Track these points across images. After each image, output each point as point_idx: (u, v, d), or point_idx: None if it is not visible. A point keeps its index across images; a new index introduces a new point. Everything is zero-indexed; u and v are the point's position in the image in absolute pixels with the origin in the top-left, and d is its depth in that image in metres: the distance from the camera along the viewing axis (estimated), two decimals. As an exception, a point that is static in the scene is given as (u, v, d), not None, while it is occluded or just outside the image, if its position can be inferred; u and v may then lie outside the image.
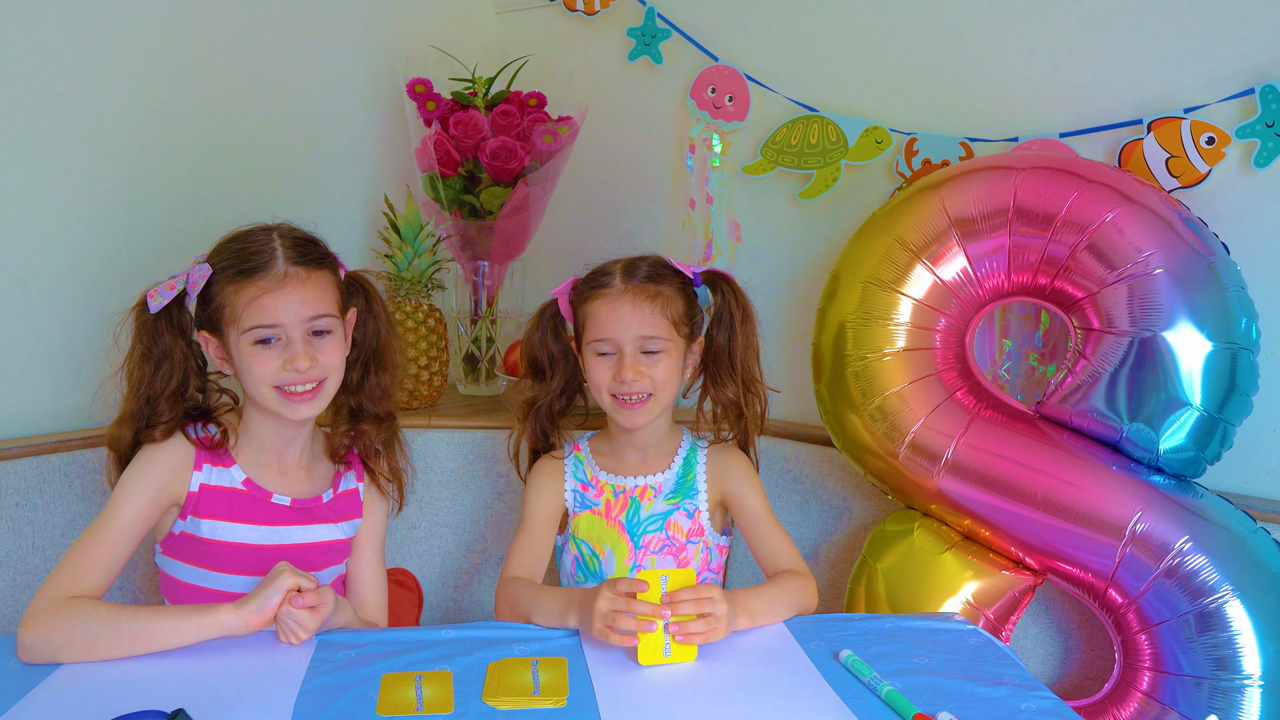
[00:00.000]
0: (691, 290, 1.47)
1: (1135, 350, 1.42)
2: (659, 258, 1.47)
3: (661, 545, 1.47)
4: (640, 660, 1.14)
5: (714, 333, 1.49)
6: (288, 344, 1.25)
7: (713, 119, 1.97)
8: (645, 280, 1.42)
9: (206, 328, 1.28)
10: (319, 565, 1.35)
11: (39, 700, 1.04)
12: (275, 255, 1.25)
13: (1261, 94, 1.49)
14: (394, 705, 1.05)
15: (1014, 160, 1.52)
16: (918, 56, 1.78)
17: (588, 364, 1.44)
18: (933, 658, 1.20)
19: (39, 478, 1.53)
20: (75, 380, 1.61)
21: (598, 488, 1.48)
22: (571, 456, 1.52)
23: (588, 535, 1.48)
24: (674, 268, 1.45)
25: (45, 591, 1.16)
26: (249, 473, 1.31)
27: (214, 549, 1.29)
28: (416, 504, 1.82)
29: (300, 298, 1.24)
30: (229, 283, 1.24)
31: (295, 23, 1.94)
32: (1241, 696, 1.36)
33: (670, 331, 1.42)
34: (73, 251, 1.64)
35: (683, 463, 1.49)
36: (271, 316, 1.23)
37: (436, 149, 1.92)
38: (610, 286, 1.42)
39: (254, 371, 1.24)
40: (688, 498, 1.47)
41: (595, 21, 2.12)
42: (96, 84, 1.65)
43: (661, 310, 1.41)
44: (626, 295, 1.41)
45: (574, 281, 1.48)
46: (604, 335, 1.41)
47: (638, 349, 1.40)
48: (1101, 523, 1.42)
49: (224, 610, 1.13)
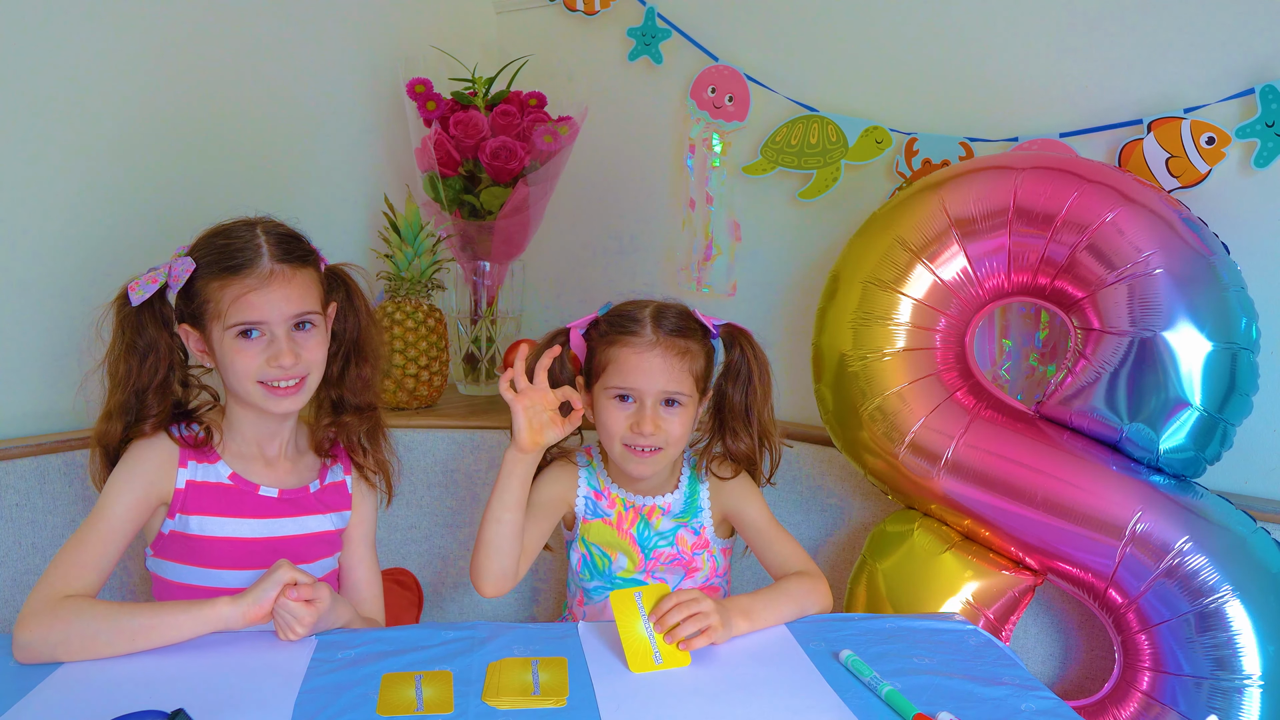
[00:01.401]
0: (710, 343, 1.45)
1: (1135, 350, 1.42)
2: (684, 307, 1.44)
3: (671, 559, 1.48)
4: (631, 669, 1.14)
5: (728, 386, 1.46)
6: (271, 340, 1.25)
7: (713, 119, 1.97)
8: (673, 334, 1.39)
9: (188, 321, 1.28)
10: (311, 557, 1.35)
11: (39, 700, 1.04)
12: (261, 252, 1.25)
13: (1261, 94, 1.49)
14: (394, 705, 1.05)
15: (1014, 160, 1.52)
16: (918, 56, 1.78)
17: (602, 407, 1.41)
18: (933, 658, 1.20)
19: (39, 478, 1.53)
20: (76, 381, 1.61)
21: (609, 499, 1.49)
22: (585, 466, 1.51)
23: (598, 540, 1.48)
24: (698, 320, 1.43)
25: (39, 591, 1.16)
26: (234, 467, 1.31)
27: (204, 545, 1.29)
28: (416, 504, 1.82)
29: (285, 295, 1.25)
30: (214, 278, 1.25)
31: (295, 23, 1.94)
32: (1241, 696, 1.36)
33: (692, 387, 1.41)
34: (73, 252, 1.64)
35: (688, 484, 1.50)
36: (256, 314, 1.24)
37: (436, 149, 1.92)
38: (640, 336, 1.39)
39: (237, 366, 1.25)
40: (694, 517, 1.48)
41: (595, 21, 2.12)
42: (96, 84, 1.65)
43: (688, 367, 1.39)
44: (658, 349, 1.38)
45: (595, 319, 1.45)
46: (629, 385, 1.38)
47: (659, 400, 1.39)
48: (1101, 523, 1.42)
49: (221, 603, 1.14)
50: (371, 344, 1.39)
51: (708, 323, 1.44)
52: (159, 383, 1.28)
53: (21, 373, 1.60)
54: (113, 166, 1.68)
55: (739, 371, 1.45)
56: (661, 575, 1.47)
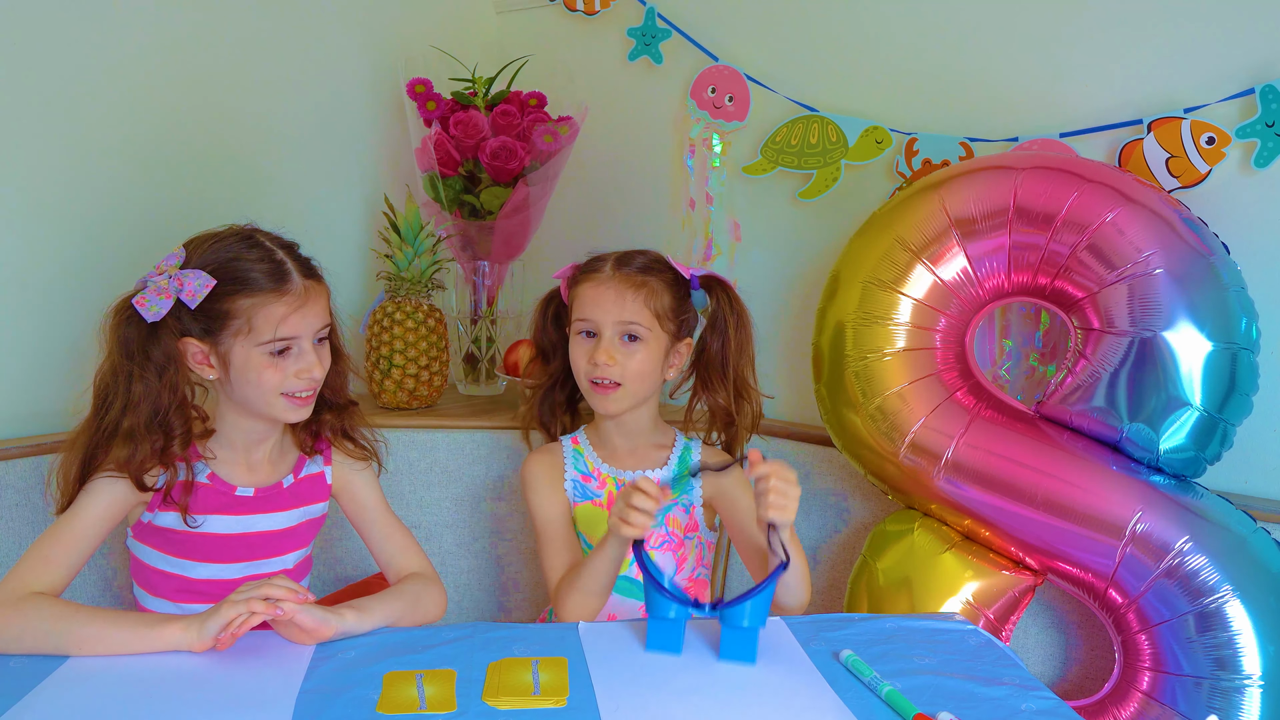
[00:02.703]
0: (685, 289, 1.49)
1: (1135, 350, 1.42)
2: (658, 254, 1.50)
3: (662, 541, 1.48)
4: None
5: (708, 337, 1.50)
6: (300, 354, 1.29)
7: (713, 119, 1.97)
8: (633, 270, 1.45)
9: (194, 334, 1.27)
10: (282, 550, 1.37)
11: (39, 700, 1.04)
12: (289, 272, 1.28)
13: (1261, 94, 1.49)
14: (396, 704, 1.05)
15: (1014, 160, 1.52)
16: (918, 56, 1.78)
17: (571, 346, 1.48)
18: (933, 658, 1.20)
19: (39, 478, 1.53)
20: (76, 381, 1.61)
21: (599, 479, 1.50)
22: (570, 449, 1.52)
23: (585, 527, 1.48)
24: (670, 265, 1.47)
25: (5, 585, 1.18)
26: (214, 468, 1.33)
27: (180, 538, 1.32)
28: (416, 504, 1.82)
29: (316, 312, 1.30)
30: (241, 294, 1.25)
31: (295, 23, 1.94)
32: (1241, 696, 1.36)
33: (652, 322, 1.43)
34: (73, 251, 1.64)
35: (678, 460, 1.51)
36: (293, 331, 1.27)
37: (436, 149, 1.92)
38: (600, 271, 1.46)
39: (265, 381, 1.27)
40: (685, 492, 1.49)
41: (595, 21, 2.12)
42: (95, 84, 1.65)
43: (645, 300, 1.44)
44: (613, 280, 1.44)
45: (575, 266, 1.51)
46: (586, 315, 1.45)
47: (617, 334, 1.43)
48: (1101, 523, 1.42)
49: (174, 628, 1.14)
50: (340, 340, 1.42)
51: (685, 271, 1.48)
52: (180, 400, 1.27)
53: (20, 373, 1.60)
54: (112, 166, 1.68)
55: (715, 321, 1.50)
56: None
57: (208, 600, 1.20)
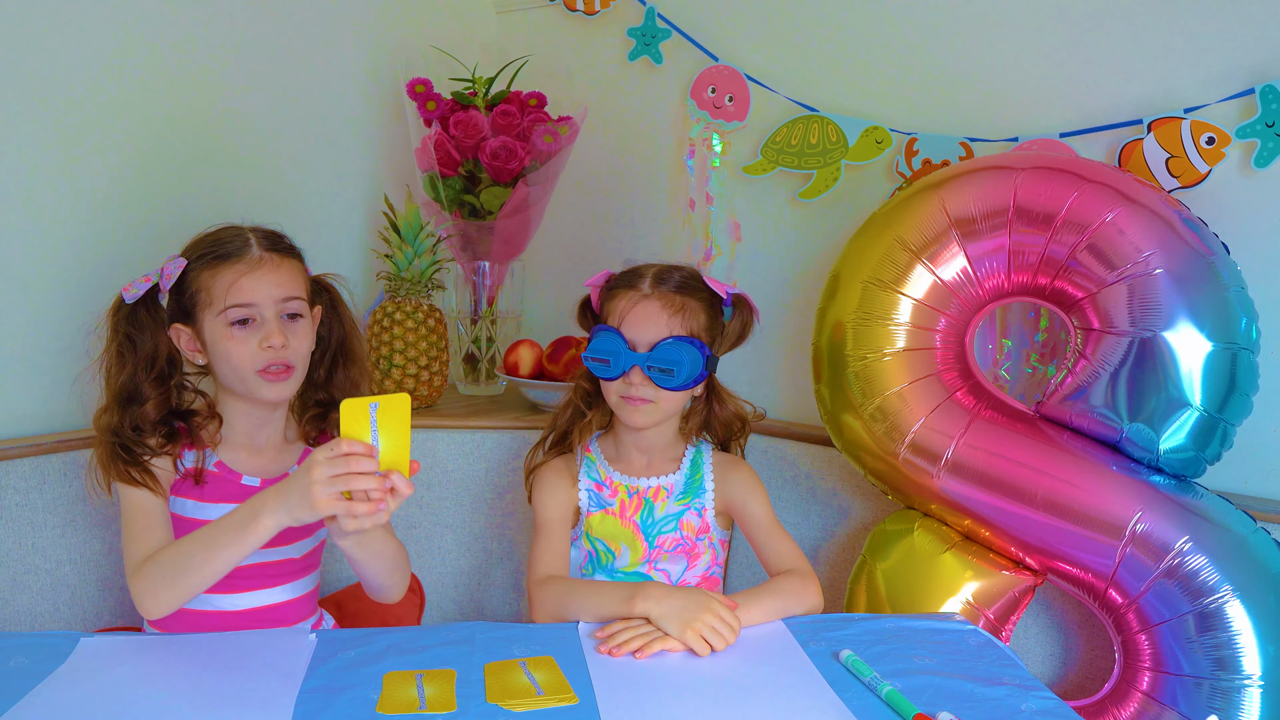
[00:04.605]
0: (719, 308, 1.47)
1: (1135, 350, 1.42)
2: (695, 271, 1.48)
3: (675, 545, 1.48)
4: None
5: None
6: (262, 323, 1.31)
7: (713, 119, 1.97)
8: (674, 290, 1.43)
9: (180, 319, 1.33)
10: (287, 540, 1.37)
11: (39, 700, 1.04)
12: (249, 242, 1.33)
13: (1261, 94, 1.49)
14: (396, 704, 1.05)
15: (1014, 160, 1.52)
16: (918, 56, 1.78)
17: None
18: (933, 658, 1.20)
19: (39, 478, 1.53)
20: (75, 382, 1.61)
21: (611, 488, 1.49)
22: (584, 458, 1.52)
23: (601, 533, 1.48)
24: (704, 282, 1.46)
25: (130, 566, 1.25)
26: (222, 455, 1.36)
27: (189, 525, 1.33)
28: (416, 504, 1.82)
29: (275, 279, 1.32)
30: (204, 269, 1.31)
31: (295, 23, 1.94)
32: (1241, 696, 1.36)
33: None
34: (73, 252, 1.64)
35: (690, 464, 1.51)
36: (248, 296, 1.29)
37: (436, 149, 1.92)
38: (637, 289, 1.43)
39: (232, 354, 1.30)
40: (696, 497, 1.49)
41: (595, 21, 2.12)
42: (95, 85, 1.65)
43: (683, 321, 1.41)
44: (653, 299, 1.42)
45: (608, 275, 1.50)
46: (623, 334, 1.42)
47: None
48: (1101, 523, 1.42)
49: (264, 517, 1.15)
50: (357, 349, 1.44)
51: (719, 289, 1.45)
52: (155, 375, 1.32)
53: (21, 373, 1.60)
54: (112, 167, 1.68)
55: (739, 337, 1.49)
56: (664, 565, 1.48)
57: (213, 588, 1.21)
